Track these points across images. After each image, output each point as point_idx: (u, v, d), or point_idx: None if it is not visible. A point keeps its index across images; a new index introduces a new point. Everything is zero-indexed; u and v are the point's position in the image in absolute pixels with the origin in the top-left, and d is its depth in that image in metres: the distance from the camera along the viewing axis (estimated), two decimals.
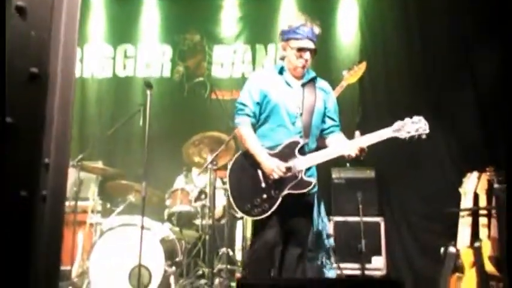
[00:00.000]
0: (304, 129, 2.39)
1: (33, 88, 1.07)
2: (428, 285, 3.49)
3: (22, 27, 1.07)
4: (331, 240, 3.40)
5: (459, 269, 3.05)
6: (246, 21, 5.04)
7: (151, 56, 5.05)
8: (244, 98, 2.48)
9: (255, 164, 2.38)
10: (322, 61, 4.82)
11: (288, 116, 2.41)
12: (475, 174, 3.21)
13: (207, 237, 3.65)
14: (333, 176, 4.25)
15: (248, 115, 2.46)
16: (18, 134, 1.05)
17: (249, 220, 3.29)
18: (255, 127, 2.50)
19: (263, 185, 2.35)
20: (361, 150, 2.27)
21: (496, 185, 2.91)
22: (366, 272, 3.80)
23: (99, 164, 4.19)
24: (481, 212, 3.09)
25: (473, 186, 3.18)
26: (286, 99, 2.42)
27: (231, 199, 2.43)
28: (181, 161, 3.99)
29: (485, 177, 3.12)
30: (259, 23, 4.97)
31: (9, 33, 1.06)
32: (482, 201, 3.11)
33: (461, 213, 3.22)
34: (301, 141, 2.36)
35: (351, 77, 3.32)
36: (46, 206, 1.07)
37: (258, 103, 2.45)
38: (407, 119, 2.25)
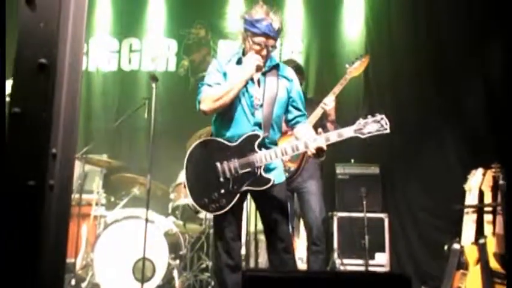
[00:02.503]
0: (264, 122, 2.30)
1: (42, 78, 1.08)
2: (432, 282, 3.50)
3: (31, 18, 1.07)
4: None
5: (463, 265, 3.04)
6: None
7: (156, 50, 5.05)
8: (208, 79, 2.39)
9: (214, 156, 2.29)
10: (328, 56, 4.82)
11: (248, 108, 2.32)
12: (480, 170, 3.20)
13: (211, 231, 3.65)
14: (337, 171, 4.25)
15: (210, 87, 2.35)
16: (26, 123, 1.05)
17: (252, 214, 3.29)
18: (215, 116, 2.42)
19: (221, 179, 2.27)
20: (319, 149, 2.20)
21: (501, 182, 2.90)
22: (369, 268, 3.80)
23: (104, 157, 4.21)
24: (486, 208, 3.08)
25: (478, 182, 3.17)
26: (245, 91, 2.33)
27: (188, 192, 2.35)
28: (186, 155, 4.00)
29: (490, 173, 3.11)
30: None
31: (19, 25, 1.06)
32: (488, 198, 3.09)
33: (466, 210, 3.21)
34: (261, 135, 2.28)
35: (355, 70, 3.30)
36: (53, 196, 1.08)
37: (219, 83, 2.35)
38: (369, 117, 2.22)
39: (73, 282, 3.47)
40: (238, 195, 2.26)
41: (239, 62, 2.40)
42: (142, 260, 3.02)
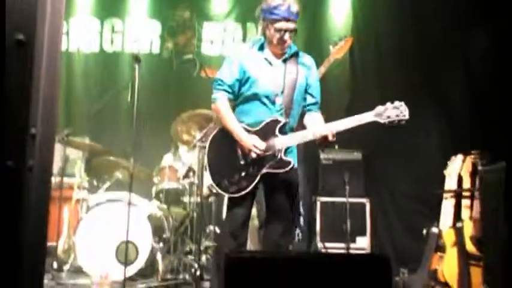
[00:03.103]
0: (285, 108, 2.37)
1: (19, 55, 1.04)
2: (411, 264, 3.58)
3: None
4: (301, 219, 3.47)
5: (441, 248, 3.13)
6: None
7: (139, 31, 4.95)
8: (222, 74, 2.45)
9: (234, 141, 2.36)
10: (313, 40, 4.80)
11: (268, 94, 2.39)
12: (460, 156, 3.27)
13: (195, 214, 3.66)
14: (321, 157, 4.28)
15: (226, 91, 2.43)
16: (3, 102, 1.02)
17: None
18: (235, 103, 2.48)
19: (242, 162, 2.34)
20: (325, 138, 2.27)
21: (480, 167, 2.97)
22: (351, 252, 3.87)
23: (86, 140, 4.14)
24: (464, 193, 3.16)
25: (457, 168, 3.24)
26: (266, 77, 2.39)
27: (209, 175, 2.42)
28: (169, 138, 3.97)
29: (469, 159, 3.18)
30: (250, 1, 4.86)
31: None
32: (466, 183, 3.17)
33: (445, 195, 3.29)
34: (282, 120, 2.34)
35: (337, 51, 3.31)
36: (33, 176, 1.06)
37: (237, 79, 2.42)
38: (388, 104, 2.26)
39: (55, 265, 3.44)
40: (258, 177, 2.32)
41: (261, 48, 2.46)
42: (125, 243, 3.01)
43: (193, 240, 3.70)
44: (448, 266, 3.04)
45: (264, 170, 2.32)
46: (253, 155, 2.31)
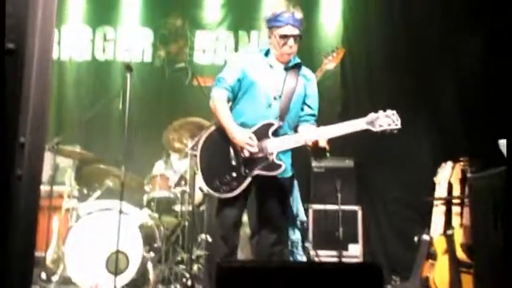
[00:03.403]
0: (281, 112, 2.40)
1: (9, 64, 1.04)
2: (403, 272, 3.59)
3: None
4: (304, 225, 3.45)
5: (432, 256, 3.14)
6: (229, 7, 4.98)
7: (131, 40, 4.95)
8: (225, 73, 2.49)
9: (227, 141, 2.37)
10: (304, 50, 4.81)
11: (266, 97, 2.42)
12: (450, 164, 3.30)
13: (186, 223, 3.64)
14: (313, 164, 4.29)
15: (226, 88, 2.46)
16: None
17: None
18: (233, 103, 2.50)
19: (233, 162, 2.35)
20: (316, 143, 2.30)
21: (469, 175, 3.00)
22: (343, 259, 3.87)
23: (77, 148, 4.11)
24: (454, 200, 3.18)
25: (447, 175, 3.27)
26: (266, 80, 2.43)
27: (201, 175, 2.42)
28: (161, 146, 3.96)
29: (459, 167, 3.22)
30: (242, 10, 4.92)
31: None
32: (456, 191, 3.20)
33: (435, 202, 3.31)
34: (276, 124, 2.37)
35: (329, 62, 3.34)
36: (22, 185, 1.05)
37: (238, 79, 2.45)
38: (380, 112, 2.28)
39: (43, 276, 3.39)
40: (249, 178, 2.32)
41: (267, 54, 2.51)
42: (116, 252, 2.98)
43: (184, 249, 3.67)
44: (439, 273, 3.05)
45: (255, 172, 2.32)
46: (246, 153, 2.31)
